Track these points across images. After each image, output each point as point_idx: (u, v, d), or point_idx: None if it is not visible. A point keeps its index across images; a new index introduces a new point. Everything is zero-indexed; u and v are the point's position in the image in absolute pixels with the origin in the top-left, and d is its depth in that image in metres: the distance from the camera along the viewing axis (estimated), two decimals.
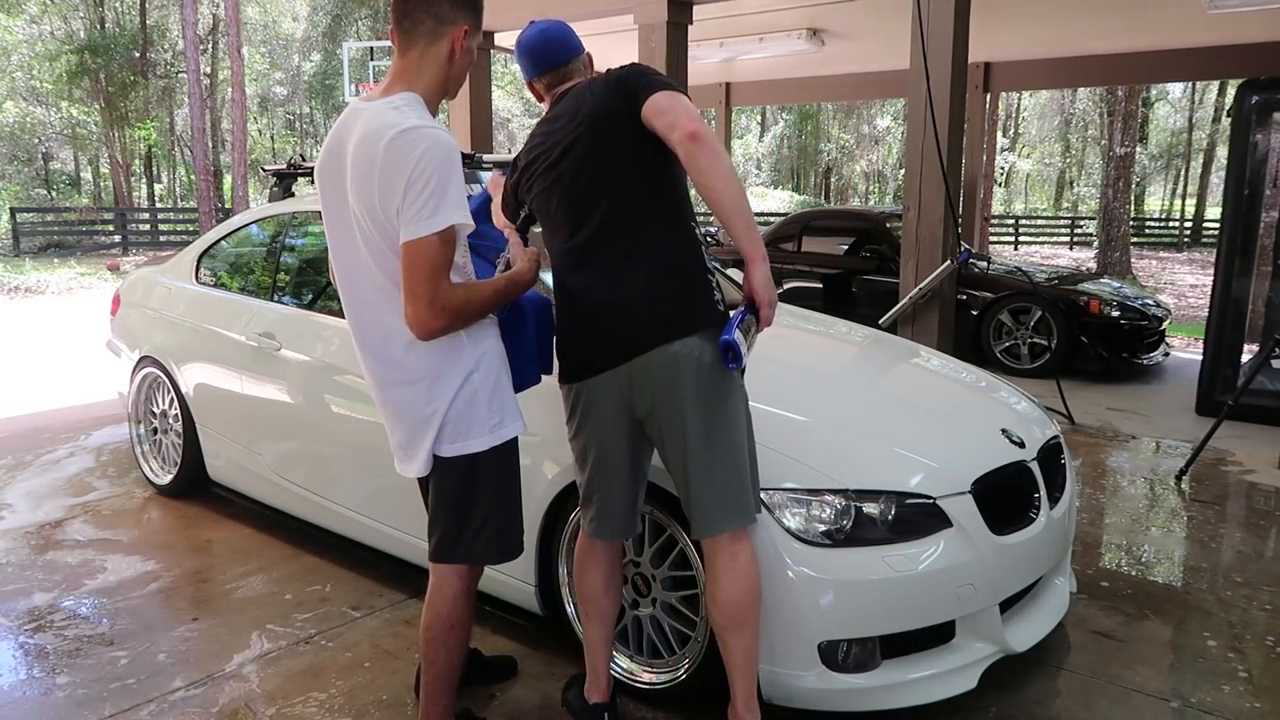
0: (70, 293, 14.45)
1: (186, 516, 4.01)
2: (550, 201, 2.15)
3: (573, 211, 2.10)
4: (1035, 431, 2.80)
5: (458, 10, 1.93)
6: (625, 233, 2.06)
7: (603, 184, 2.06)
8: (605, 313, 2.06)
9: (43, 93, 25.47)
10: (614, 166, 2.06)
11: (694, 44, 6.40)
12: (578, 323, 2.11)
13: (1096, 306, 6.93)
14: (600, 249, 2.07)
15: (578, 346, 2.12)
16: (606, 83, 2.07)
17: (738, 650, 2.10)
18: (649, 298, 2.02)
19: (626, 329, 2.04)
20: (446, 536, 2.09)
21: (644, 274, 2.03)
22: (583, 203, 2.08)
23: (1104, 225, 17.30)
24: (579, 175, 2.09)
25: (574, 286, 2.10)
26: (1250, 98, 5.61)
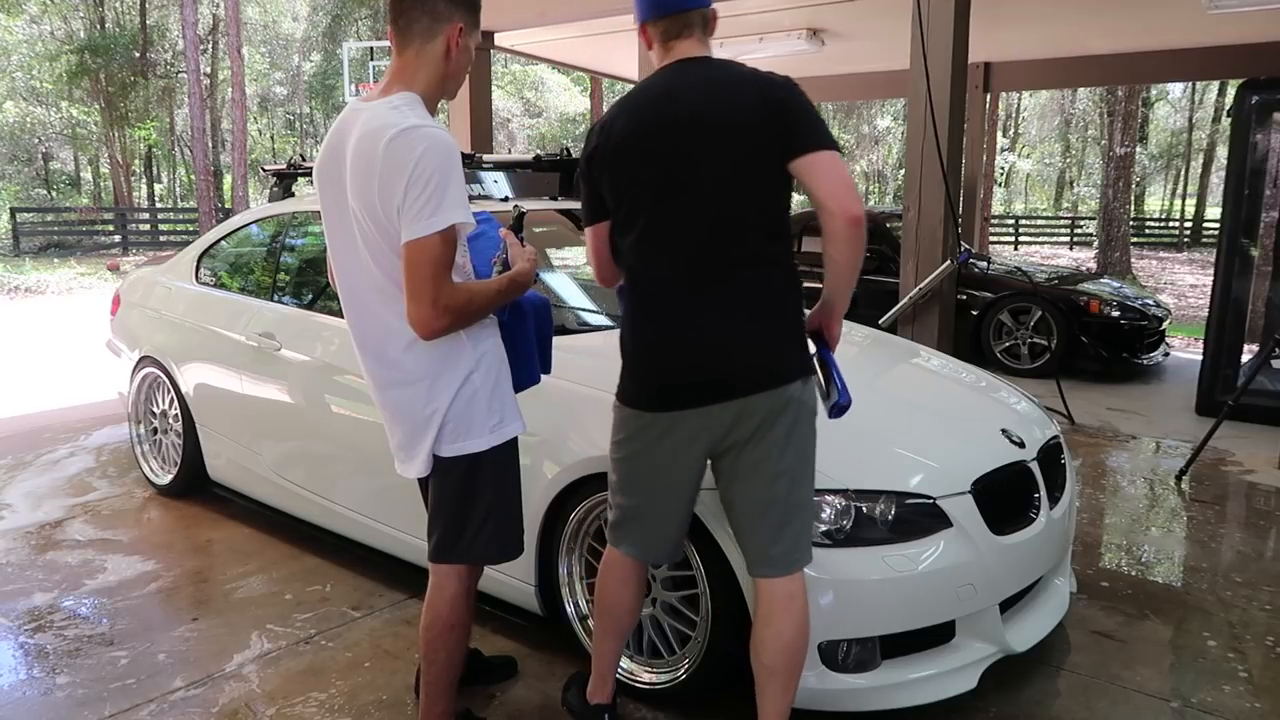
0: (70, 293, 14.45)
1: (186, 516, 4.01)
2: (657, 205, 1.94)
3: (688, 228, 1.92)
4: (1035, 431, 2.80)
5: (452, 8, 1.92)
6: (748, 265, 1.93)
7: (734, 210, 1.92)
8: (718, 347, 1.93)
9: (43, 93, 25.47)
10: (749, 195, 1.92)
11: None
12: (677, 352, 1.95)
13: (1096, 306, 6.93)
14: (719, 279, 1.92)
15: (673, 376, 1.96)
16: (762, 99, 1.89)
17: (783, 695, 2.03)
18: (768, 336, 1.95)
19: (743, 366, 1.93)
20: (446, 536, 2.09)
21: (763, 311, 1.94)
22: (704, 223, 1.91)
23: (1104, 225, 17.30)
24: (706, 192, 1.91)
25: (675, 312, 1.94)
26: (1250, 98, 5.61)
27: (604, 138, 1.98)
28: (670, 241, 1.94)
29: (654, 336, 1.98)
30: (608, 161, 1.98)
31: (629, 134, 1.95)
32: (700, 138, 1.90)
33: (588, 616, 2.66)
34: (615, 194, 2.00)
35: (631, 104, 1.99)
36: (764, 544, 2.00)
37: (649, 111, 1.95)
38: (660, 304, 1.97)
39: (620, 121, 1.97)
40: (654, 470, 2.03)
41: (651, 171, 1.93)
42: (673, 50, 2.01)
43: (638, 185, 1.95)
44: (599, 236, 2.09)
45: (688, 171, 1.91)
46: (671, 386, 1.96)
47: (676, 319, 1.95)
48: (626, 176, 1.96)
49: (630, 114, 1.97)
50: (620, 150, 1.96)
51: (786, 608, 2.01)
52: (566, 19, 6.69)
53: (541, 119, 33.68)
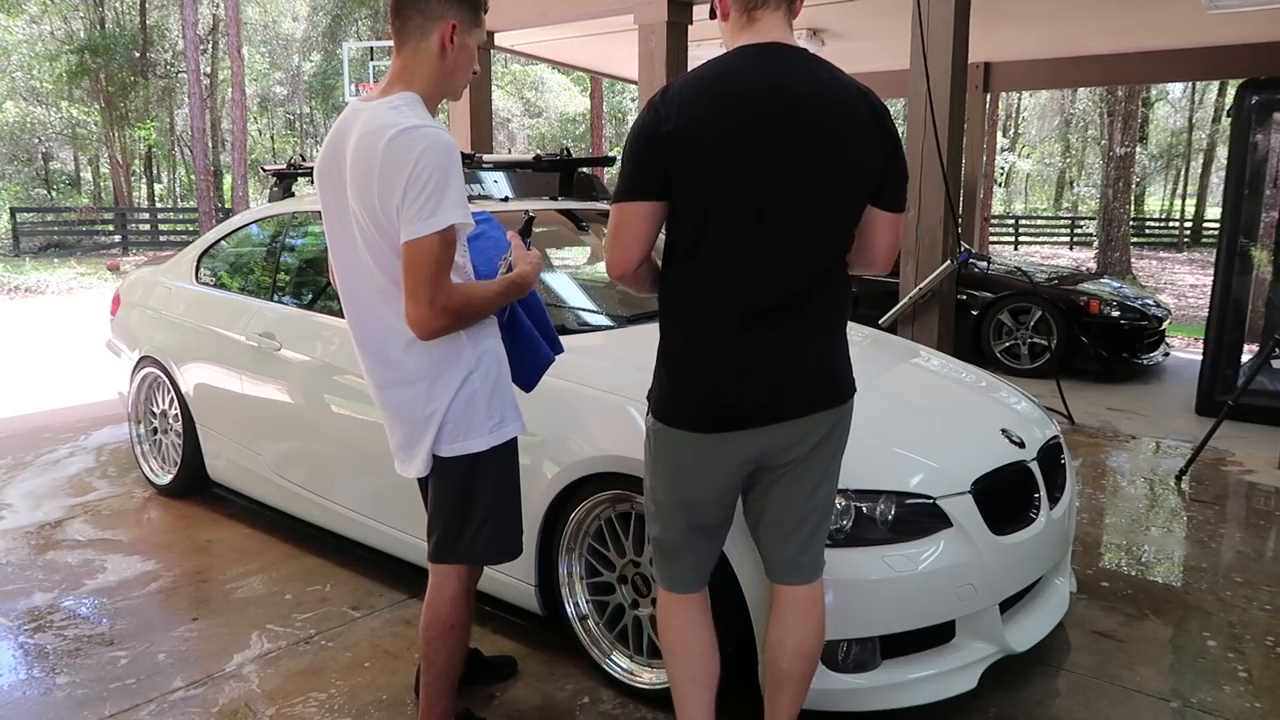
0: (70, 293, 14.44)
1: (186, 516, 4.01)
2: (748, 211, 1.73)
3: (780, 241, 1.75)
4: (1035, 431, 2.80)
5: (445, 5, 1.90)
6: (826, 284, 1.83)
7: (828, 230, 1.79)
8: (797, 364, 1.83)
9: (43, 93, 25.48)
10: (845, 218, 1.81)
11: (694, 44, 6.39)
12: (755, 368, 1.80)
13: (1096, 306, 6.93)
14: (803, 296, 1.80)
15: (747, 396, 1.81)
16: (881, 130, 1.76)
17: (797, 700, 2.01)
18: (836, 352, 1.90)
19: (815, 383, 1.86)
20: (446, 536, 2.09)
21: (830, 327, 1.88)
22: (799, 239, 1.76)
23: (1104, 225, 17.30)
24: (808, 207, 1.75)
25: (755, 326, 1.78)
26: (1250, 98, 5.61)
27: (681, 117, 1.70)
28: (757, 251, 1.75)
29: (731, 352, 1.79)
30: (684, 147, 1.71)
31: (719, 120, 1.70)
32: (816, 148, 1.72)
33: (587, 617, 2.66)
34: (689, 186, 1.73)
35: (717, 85, 1.73)
36: (796, 553, 1.96)
37: (748, 101, 1.70)
38: (737, 318, 1.78)
39: (704, 104, 1.71)
40: (710, 490, 1.89)
41: (747, 172, 1.71)
42: (756, 23, 1.78)
43: (724, 184, 1.72)
44: (644, 217, 1.77)
45: (793, 182, 1.72)
46: (742, 406, 1.81)
47: (756, 334, 1.79)
48: (710, 170, 1.71)
49: (718, 98, 1.71)
50: (704, 138, 1.70)
51: (809, 613, 1.99)
52: (566, 19, 6.69)
53: (541, 119, 33.68)
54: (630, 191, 1.77)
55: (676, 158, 1.71)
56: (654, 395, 1.91)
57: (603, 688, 2.61)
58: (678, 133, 1.70)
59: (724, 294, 1.77)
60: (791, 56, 1.76)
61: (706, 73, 1.75)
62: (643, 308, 3.82)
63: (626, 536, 2.54)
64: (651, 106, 1.75)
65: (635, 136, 1.76)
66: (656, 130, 1.72)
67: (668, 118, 1.71)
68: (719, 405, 1.82)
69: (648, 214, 1.77)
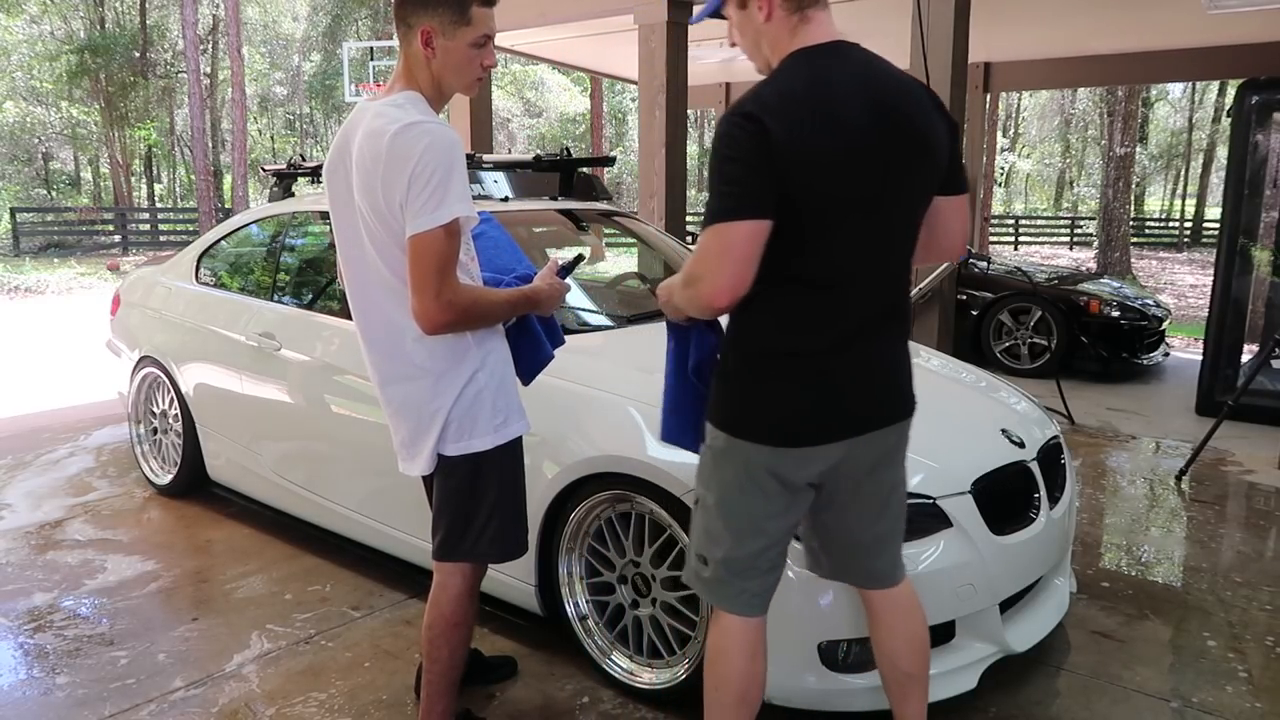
0: (70, 293, 14.44)
1: (186, 516, 4.01)
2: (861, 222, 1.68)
3: (881, 250, 1.73)
4: (1035, 431, 2.80)
5: (419, 13, 1.91)
6: (906, 290, 1.84)
7: (913, 234, 1.80)
8: (889, 372, 1.83)
9: (43, 93, 25.48)
10: (920, 218, 1.80)
11: (694, 44, 6.39)
12: (832, 390, 1.75)
13: (1096, 306, 6.93)
14: (896, 303, 1.80)
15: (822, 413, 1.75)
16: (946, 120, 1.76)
17: (925, 695, 2.00)
18: (909, 364, 1.88)
19: (902, 392, 1.86)
20: (450, 535, 2.09)
21: (907, 334, 1.87)
22: (893, 246, 1.75)
23: (1104, 225, 17.30)
24: (901, 212, 1.74)
25: (853, 337, 1.74)
26: (1250, 98, 5.61)
27: (790, 126, 1.60)
28: (863, 262, 1.71)
29: (825, 367, 1.73)
30: (801, 158, 1.60)
31: (831, 130, 1.62)
32: (912, 149, 1.70)
33: (587, 617, 2.66)
34: (806, 202, 1.63)
35: (811, 89, 1.64)
36: (877, 560, 1.94)
37: (849, 105, 1.64)
38: (835, 332, 1.72)
39: (807, 113, 1.61)
40: (791, 511, 1.83)
41: (861, 184, 1.65)
42: (811, 23, 1.70)
43: (839, 196, 1.65)
44: (753, 239, 1.61)
45: (893, 189, 1.69)
46: (830, 420, 1.76)
47: (850, 348, 1.74)
48: (828, 184, 1.63)
49: (820, 103, 1.63)
50: (814, 150, 1.61)
51: (911, 609, 1.99)
52: (566, 19, 6.69)
53: (541, 119, 33.69)
54: (742, 209, 1.60)
55: (793, 170, 1.60)
56: (727, 410, 1.80)
57: (602, 688, 2.61)
58: (795, 144, 1.59)
59: (822, 308, 1.71)
60: (863, 55, 1.72)
61: (800, 81, 1.66)
62: (643, 308, 3.83)
63: (626, 536, 2.54)
64: (751, 118, 1.60)
65: (738, 149, 1.61)
66: (769, 145, 1.58)
67: (784, 131, 1.59)
68: (806, 420, 1.75)
69: (763, 233, 1.62)
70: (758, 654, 1.89)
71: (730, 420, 1.79)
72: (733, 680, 1.88)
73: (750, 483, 1.79)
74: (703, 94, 11.48)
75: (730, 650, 1.87)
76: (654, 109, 5.90)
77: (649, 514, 2.45)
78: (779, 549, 1.87)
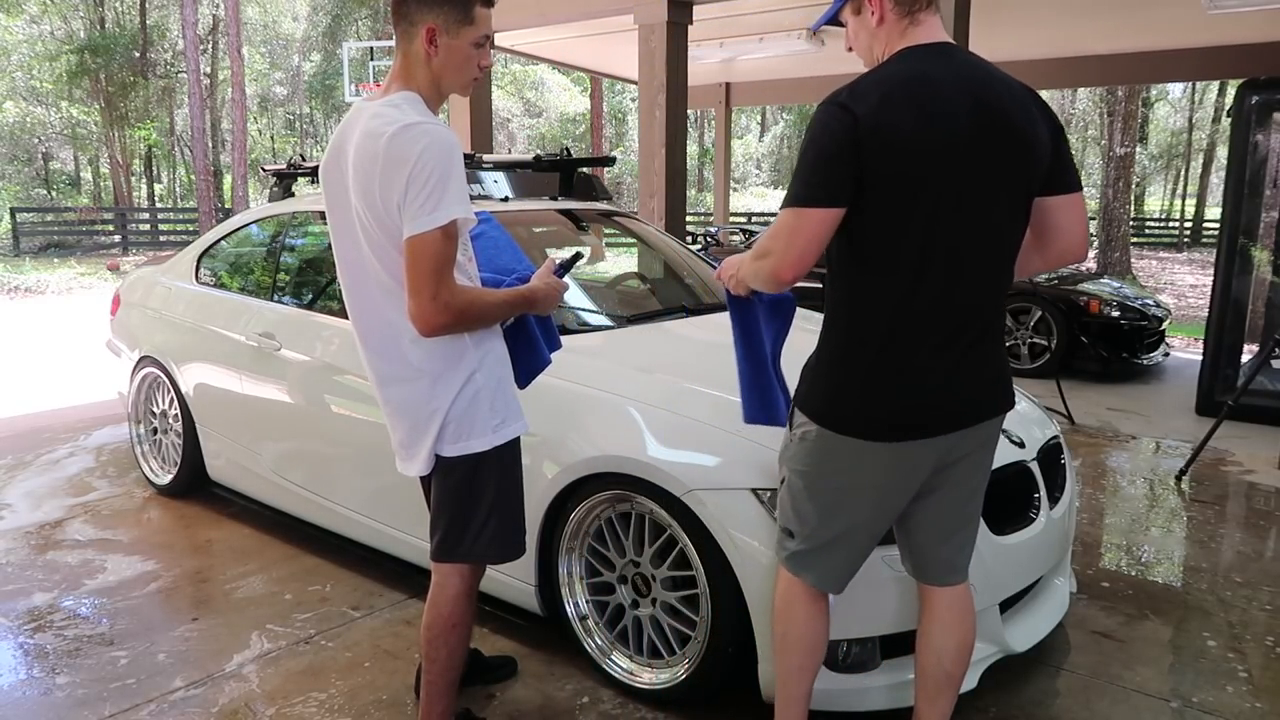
0: (70, 293, 14.44)
1: (186, 516, 4.01)
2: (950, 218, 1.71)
3: (975, 248, 1.76)
4: (1035, 431, 2.80)
5: (423, 11, 1.91)
6: (1005, 291, 1.86)
7: (1014, 235, 1.81)
8: (984, 373, 1.84)
9: (43, 93, 25.47)
10: (1023, 221, 1.81)
11: (694, 44, 6.39)
12: (930, 386, 1.79)
13: (1096, 306, 6.93)
14: (993, 301, 1.84)
15: (920, 409, 1.80)
16: (1049, 120, 1.78)
17: (954, 699, 2.05)
18: (1004, 360, 1.91)
19: (995, 393, 1.88)
20: (449, 536, 2.09)
21: (1002, 337, 1.91)
22: (990, 245, 1.78)
23: (1104, 225, 17.28)
24: (999, 212, 1.76)
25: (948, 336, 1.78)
26: (1250, 98, 5.61)
27: (879, 115, 1.66)
28: (956, 254, 1.74)
29: (924, 363, 1.77)
30: (890, 146, 1.66)
31: (925, 121, 1.67)
32: (1012, 147, 1.72)
33: (587, 616, 2.66)
34: (893, 188, 1.68)
35: (908, 83, 1.70)
36: (953, 553, 1.99)
37: (949, 105, 1.69)
38: (934, 327, 1.76)
39: (901, 103, 1.67)
40: (891, 499, 1.88)
41: (950, 172, 1.69)
42: (919, 26, 1.77)
43: (927, 190, 1.69)
44: (831, 224, 1.70)
45: (987, 182, 1.72)
46: (928, 416, 1.80)
47: (948, 343, 1.77)
48: (918, 171, 1.68)
49: (915, 96, 1.68)
50: (914, 139, 1.66)
51: (968, 613, 2.02)
52: (566, 19, 6.69)
53: (541, 119, 33.68)
54: (816, 197, 1.69)
55: (878, 160, 1.66)
56: (822, 403, 1.84)
57: (602, 688, 2.61)
58: (882, 135, 1.65)
59: (923, 303, 1.74)
60: (967, 56, 1.79)
61: (899, 74, 1.71)
62: (643, 308, 3.83)
63: (626, 536, 2.54)
64: (842, 107, 1.67)
65: (824, 137, 1.68)
66: (855, 135, 1.65)
67: (871, 121, 1.65)
68: (906, 414, 1.79)
69: (835, 221, 1.70)
70: (820, 612, 2.00)
71: (820, 412, 1.85)
72: (793, 630, 2.01)
73: (849, 470, 1.85)
74: (703, 94, 11.48)
75: (797, 617, 2.00)
76: (654, 109, 5.90)
77: (649, 514, 2.45)
78: (866, 532, 1.93)
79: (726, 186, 12.22)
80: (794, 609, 2.00)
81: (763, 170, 39.20)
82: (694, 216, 21.81)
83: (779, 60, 9.05)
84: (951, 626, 2.01)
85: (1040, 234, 1.87)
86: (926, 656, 2.03)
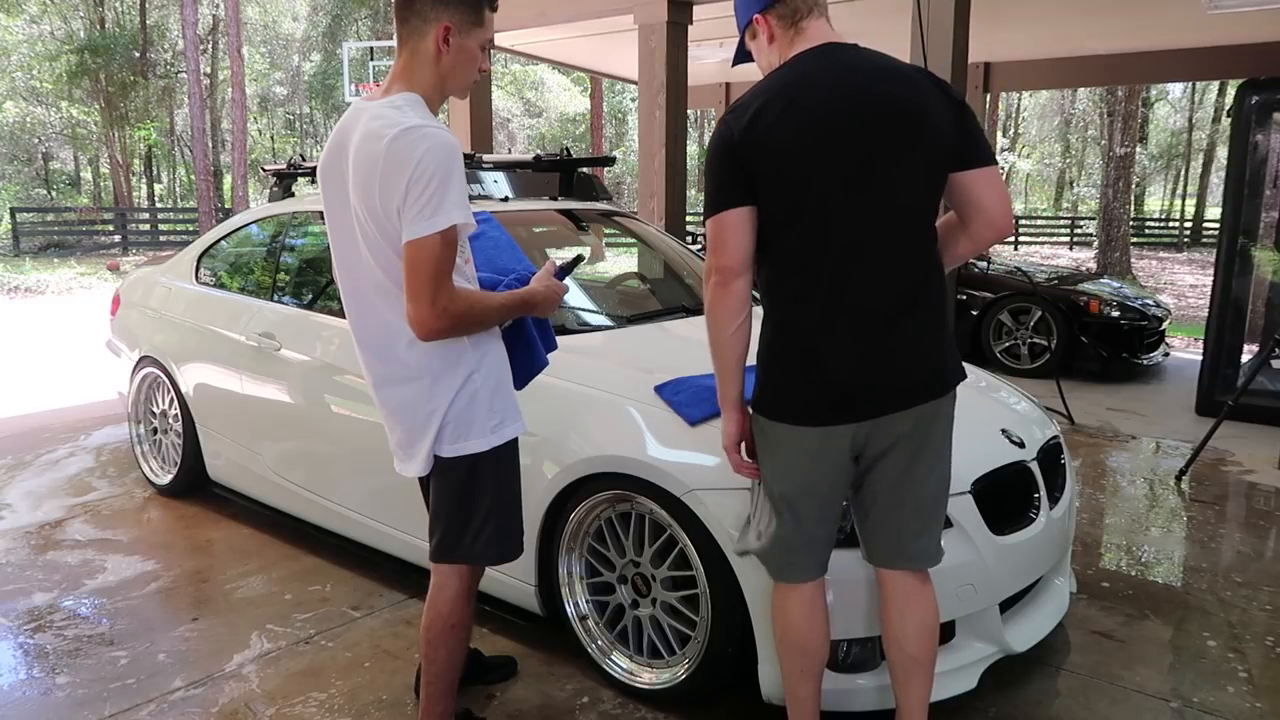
0: (70, 293, 14.45)
1: (186, 516, 4.01)
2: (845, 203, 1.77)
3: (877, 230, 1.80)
4: (1035, 431, 2.80)
5: (439, 8, 1.91)
6: (929, 273, 1.88)
7: (921, 212, 1.85)
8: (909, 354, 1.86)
9: (43, 93, 25.46)
10: (933, 197, 1.86)
11: (694, 44, 6.39)
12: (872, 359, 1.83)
13: (1096, 306, 6.93)
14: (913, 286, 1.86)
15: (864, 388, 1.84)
16: (948, 96, 1.83)
17: (927, 683, 2.05)
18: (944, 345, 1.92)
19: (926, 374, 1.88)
20: (447, 537, 2.09)
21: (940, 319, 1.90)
22: (892, 225, 1.82)
23: (1104, 225, 17.30)
24: (896, 191, 1.80)
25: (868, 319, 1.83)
26: (1250, 98, 5.61)
27: (754, 123, 1.76)
28: (856, 242, 1.80)
29: (848, 343, 1.83)
30: (765, 150, 1.76)
31: (797, 120, 1.75)
32: (898, 129, 1.77)
33: (587, 616, 2.66)
34: (776, 188, 1.78)
35: (783, 88, 1.79)
36: (908, 538, 1.99)
37: (820, 95, 1.76)
38: (852, 311, 1.82)
39: (776, 107, 1.77)
40: (825, 482, 1.92)
41: (835, 165, 1.76)
42: (804, 34, 1.86)
43: (814, 180, 1.76)
44: (741, 221, 1.81)
45: (881, 169, 1.77)
46: (843, 401, 1.84)
47: (871, 327, 1.83)
48: (797, 169, 1.76)
49: (789, 98, 1.77)
50: (787, 139, 1.75)
51: (922, 594, 2.03)
52: (566, 19, 6.68)
53: (541, 119, 33.68)
54: (723, 202, 1.82)
55: (759, 162, 1.77)
56: (759, 392, 1.94)
57: (602, 688, 2.61)
58: (754, 138, 1.77)
59: (825, 293, 1.81)
60: (848, 50, 1.84)
61: (770, 81, 1.83)
62: (643, 308, 3.83)
63: (626, 537, 2.54)
64: (721, 121, 1.84)
65: (711, 151, 1.84)
66: (730, 143, 1.80)
67: (740, 129, 1.78)
68: (820, 401, 1.85)
69: (749, 217, 1.82)
70: (814, 611, 2.02)
71: (761, 401, 1.93)
72: (790, 633, 2.03)
73: (794, 463, 1.91)
74: (703, 94, 11.48)
75: (787, 609, 2.03)
76: (654, 109, 5.90)
77: (649, 514, 2.45)
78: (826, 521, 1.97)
79: None
80: (789, 612, 2.02)
81: None
82: (694, 216, 21.80)
83: None
84: (906, 610, 2.02)
85: (962, 213, 1.91)
86: (889, 644, 2.06)
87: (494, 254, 2.30)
